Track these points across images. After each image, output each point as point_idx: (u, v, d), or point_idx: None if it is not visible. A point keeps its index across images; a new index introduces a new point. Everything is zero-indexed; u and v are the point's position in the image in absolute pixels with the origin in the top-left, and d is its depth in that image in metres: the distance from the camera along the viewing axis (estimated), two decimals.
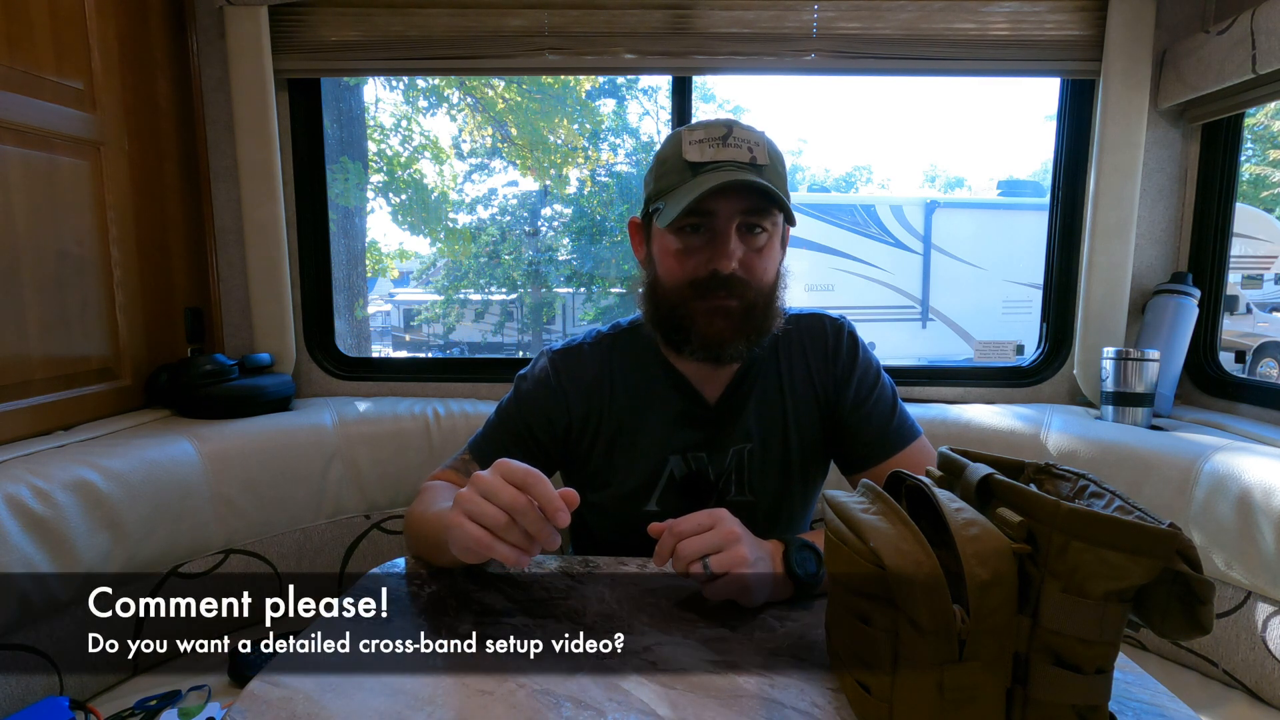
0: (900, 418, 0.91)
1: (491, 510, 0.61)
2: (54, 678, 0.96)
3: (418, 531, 0.80)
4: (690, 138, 0.81)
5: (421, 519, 0.79)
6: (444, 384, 1.60)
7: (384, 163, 6.29)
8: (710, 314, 0.81)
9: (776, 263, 0.84)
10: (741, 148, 0.79)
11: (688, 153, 0.80)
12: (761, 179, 0.77)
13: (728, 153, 0.79)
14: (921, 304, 6.54)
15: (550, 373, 0.91)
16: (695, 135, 0.81)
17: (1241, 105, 1.35)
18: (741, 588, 0.64)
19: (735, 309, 0.80)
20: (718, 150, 0.79)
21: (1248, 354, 6.19)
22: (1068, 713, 0.45)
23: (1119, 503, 0.48)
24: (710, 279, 0.80)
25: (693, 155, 0.80)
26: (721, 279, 0.79)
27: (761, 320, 0.82)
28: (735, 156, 0.79)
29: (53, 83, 1.17)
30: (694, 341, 0.82)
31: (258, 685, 0.54)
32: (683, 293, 0.81)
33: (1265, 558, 0.99)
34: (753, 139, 0.80)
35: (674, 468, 0.89)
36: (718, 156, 0.79)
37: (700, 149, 0.80)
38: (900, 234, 6.45)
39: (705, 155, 0.79)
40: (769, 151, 0.80)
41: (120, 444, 1.12)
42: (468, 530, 0.61)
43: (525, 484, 0.61)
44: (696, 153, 0.80)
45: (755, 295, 0.81)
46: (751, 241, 0.81)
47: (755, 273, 0.81)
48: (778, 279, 0.85)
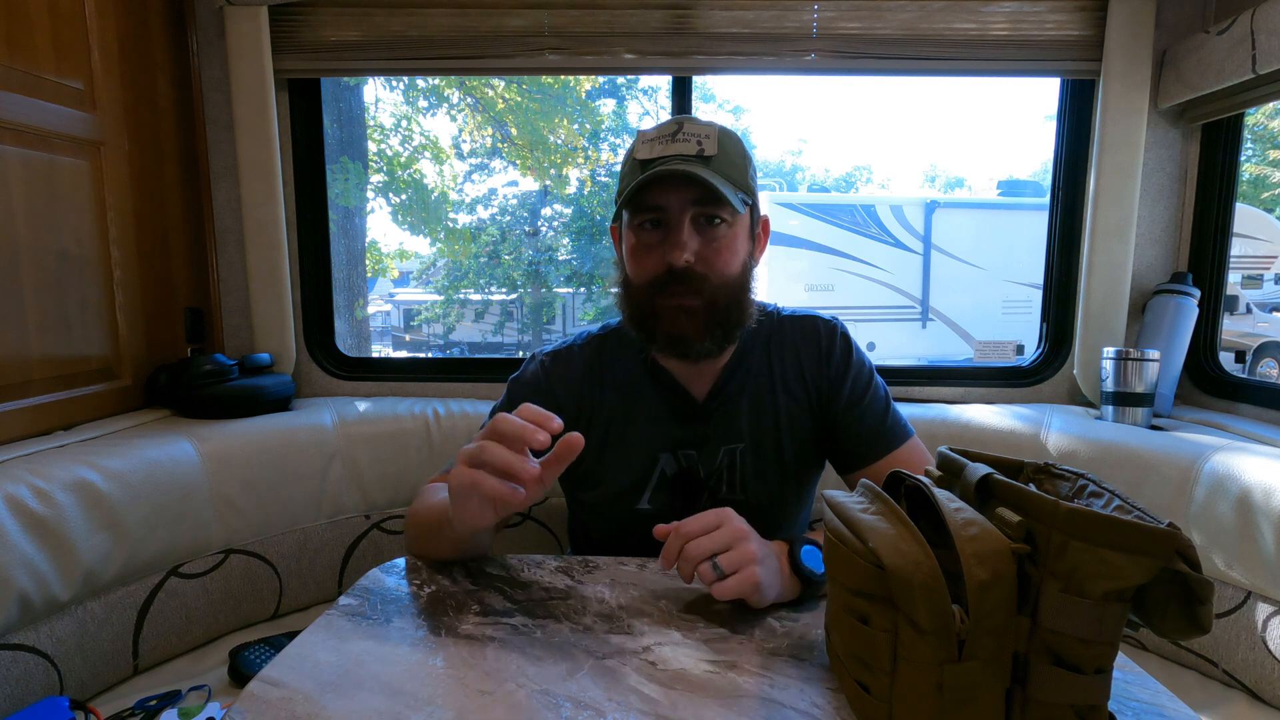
0: (893, 418, 0.91)
1: (476, 444, 0.62)
2: (54, 678, 0.96)
3: (415, 526, 0.81)
4: (643, 138, 0.82)
5: (421, 511, 0.81)
6: (444, 384, 1.60)
7: (384, 163, 6.29)
8: (673, 312, 0.80)
9: (741, 255, 0.83)
10: (690, 141, 0.80)
11: (638, 151, 0.82)
12: (708, 170, 0.78)
13: (675, 147, 0.79)
14: (921, 304, 6.54)
15: (541, 375, 0.92)
16: (648, 135, 0.82)
17: (1241, 105, 1.35)
18: (753, 585, 0.64)
19: (697, 306, 0.80)
20: (666, 146, 0.80)
21: (1248, 354, 6.20)
22: (1067, 712, 0.45)
23: (1118, 502, 0.48)
24: (668, 275, 0.80)
25: (642, 154, 0.81)
26: (677, 274, 0.79)
27: (726, 315, 0.81)
28: (682, 150, 0.79)
29: (53, 83, 1.17)
30: (659, 340, 0.82)
31: (258, 685, 0.54)
32: (646, 291, 0.82)
33: (1265, 558, 0.99)
34: (703, 132, 0.80)
35: (665, 466, 0.90)
36: (665, 152, 0.80)
37: (650, 147, 0.81)
38: (900, 234, 6.46)
39: (654, 152, 0.80)
40: (720, 142, 0.80)
41: (120, 444, 1.12)
42: (460, 474, 0.62)
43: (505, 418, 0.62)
44: (646, 151, 0.81)
45: (716, 290, 0.80)
46: (710, 234, 0.80)
47: (715, 265, 0.80)
48: (745, 271, 0.84)
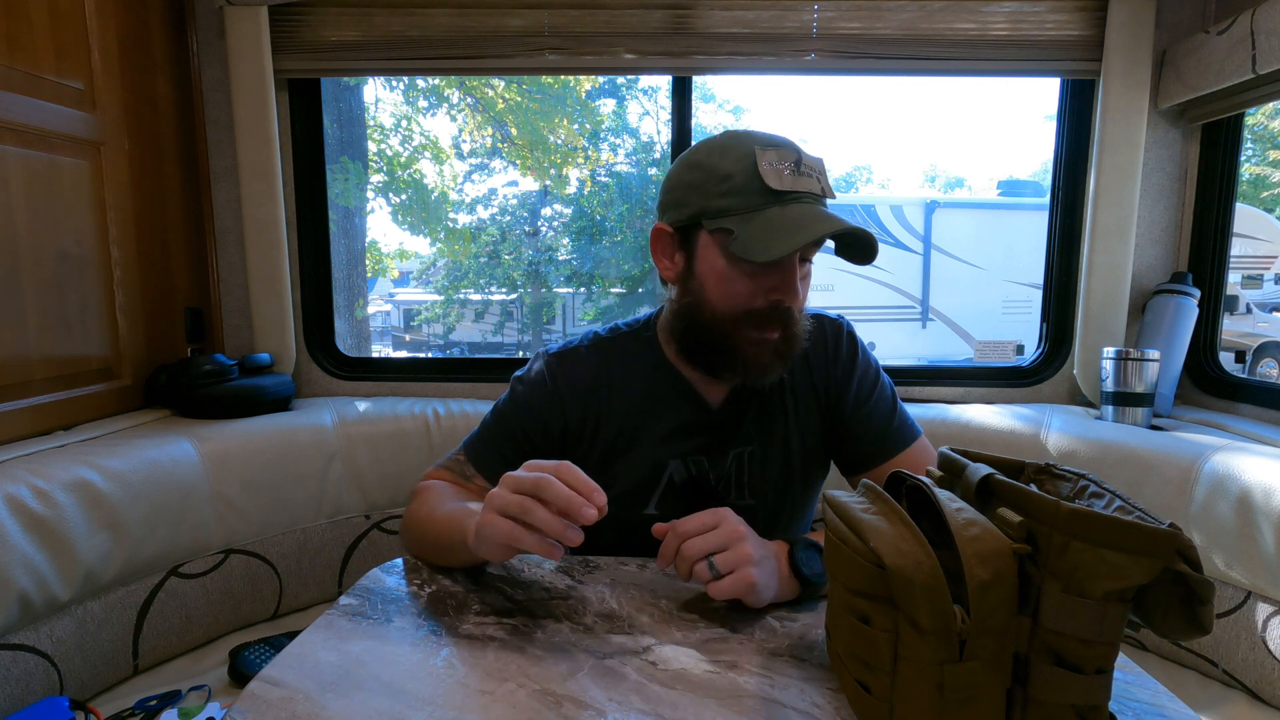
0: (900, 418, 0.90)
1: (516, 498, 0.60)
2: (54, 678, 0.96)
3: (422, 532, 0.79)
4: (765, 158, 0.73)
5: (429, 519, 0.78)
6: (444, 384, 1.60)
7: (384, 163, 6.30)
8: (759, 345, 0.78)
9: None
10: (811, 177, 0.74)
11: (767, 176, 0.73)
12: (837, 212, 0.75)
13: (803, 182, 0.74)
14: (921, 304, 6.54)
15: (546, 375, 0.90)
16: (769, 156, 0.74)
17: (1241, 105, 1.35)
18: (748, 586, 0.64)
19: (779, 340, 0.79)
20: (795, 179, 0.73)
21: (1248, 354, 6.20)
22: (1068, 713, 0.45)
23: (1119, 503, 0.48)
24: (770, 310, 0.77)
25: (773, 181, 0.73)
26: (781, 312, 0.77)
27: (799, 344, 0.81)
28: (809, 187, 0.74)
29: (53, 83, 1.17)
30: (739, 369, 0.80)
31: (258, 685, 0.54)
32: (736, 320, 0.78)
33: (1265, 558, 0.99)
34: (818, 167, 0.76)
35: (673, 472, 0.89)
36: (796, 186, 0.73)
37: (779, 175, 0.73)
38: (900, 234, 6.46)
39: (785, 184, 0.73)
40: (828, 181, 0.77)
41: (120, 444, 1.12)
42: (497, 525, 0.61)
43: (556, 471, 0.61)
44: (776, 179, 0.73)
45: (799, 323, 0.80)
46: (802, 270, 0.79)
47: (801, 301, 0.80)
48: None
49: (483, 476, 0.88)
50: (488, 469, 0.88)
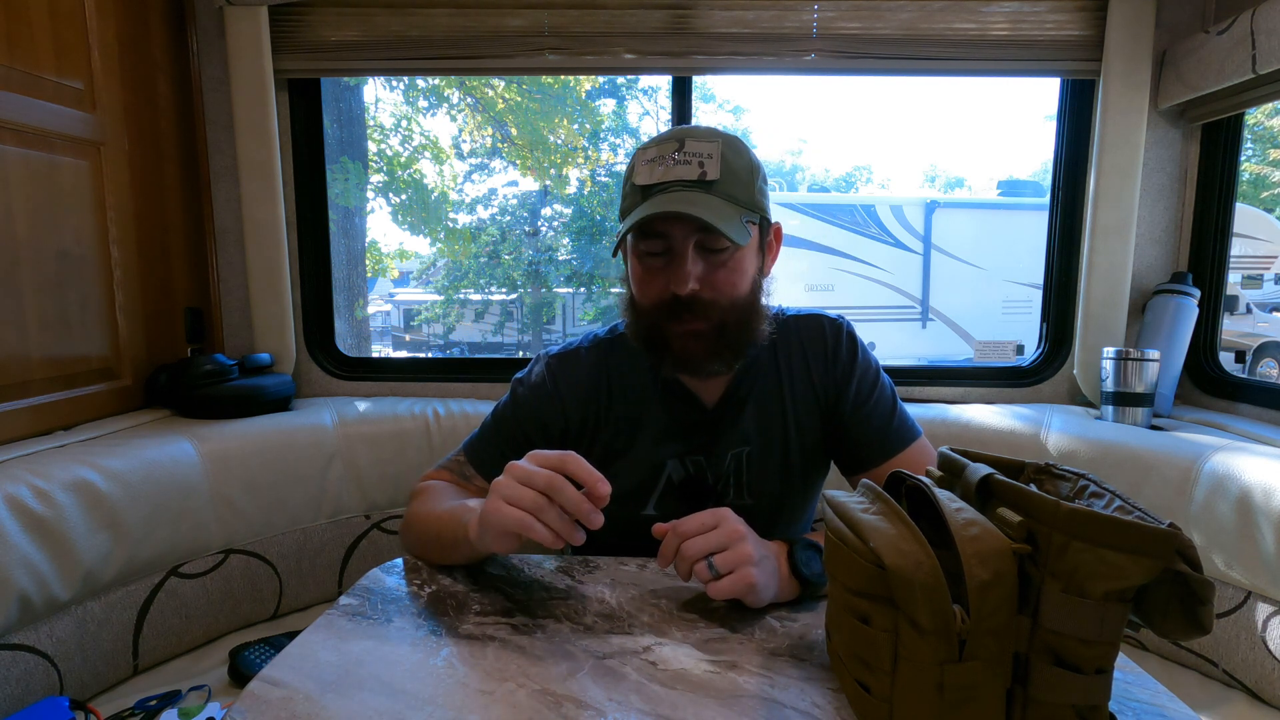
0: (900, 418, 0.90)
1: (529, 493, 0.61)
2: (54, 677, 0.96)
3: (423, 531, 0.79)
4: (643, 157, 0.78)
5: (429, 517, 0.79)
6: (444, 384, 1.60)
7: (384, 163, 6.29)
8: (683, 337, 0.79)
9: (749, 274, 0.81)
10: (691, 164, 0.76)
11: (638, 175, 0.78)
12: (710, 195, 0.75)
13: (677, 171, 0.76)
14: (921, 304, 6.54)
15: (546, 377, 0.90)
16: (648, 154, 0.78)
17: (1241, 105, 1.35)
18: (748, 586, 0.64)
19: (706, 330, 0.78)
20: (666, 170, 0.76)
21: (1248, 354, 6.20)
22: (1068, 713, 0.45)
23: (1119, 503, 0.48)
24: (674, 302, 0.78)
25: (641, 178, 0.77)
26: (684, 302, 0.77)
27: (737, 336, 0.80)
28: (684, 175, 0.76)
29: (53, 83, 1.17)
30: (669, 361, 0.81)
31: (258, 685, 0.54)
32: (654, 314, 0.80)
33: (1265, 558, 0.99)
34: (705, 150, 0.76)
35: (671, 472, 0.89)
36: (666, 177, 0.76)
37: (649, 170, 0.77)
38: (900, 234, 6.46)
39: (654, 177, 0.76)
40: (724, 159, 0.76)
41: (120, 444, 1.12)
42: (505, 513, 0.61)
43: (562, 464, 0.62)
44: (645, 174, 0.77)
45: (725, 313, 0.79)
46: (715, 259, 0.78)
47: (722, 289, 0.78)
48: (755, 289, 0.82)
49: (482, 477, 0.88)
50: (487, 470, 0.88)
